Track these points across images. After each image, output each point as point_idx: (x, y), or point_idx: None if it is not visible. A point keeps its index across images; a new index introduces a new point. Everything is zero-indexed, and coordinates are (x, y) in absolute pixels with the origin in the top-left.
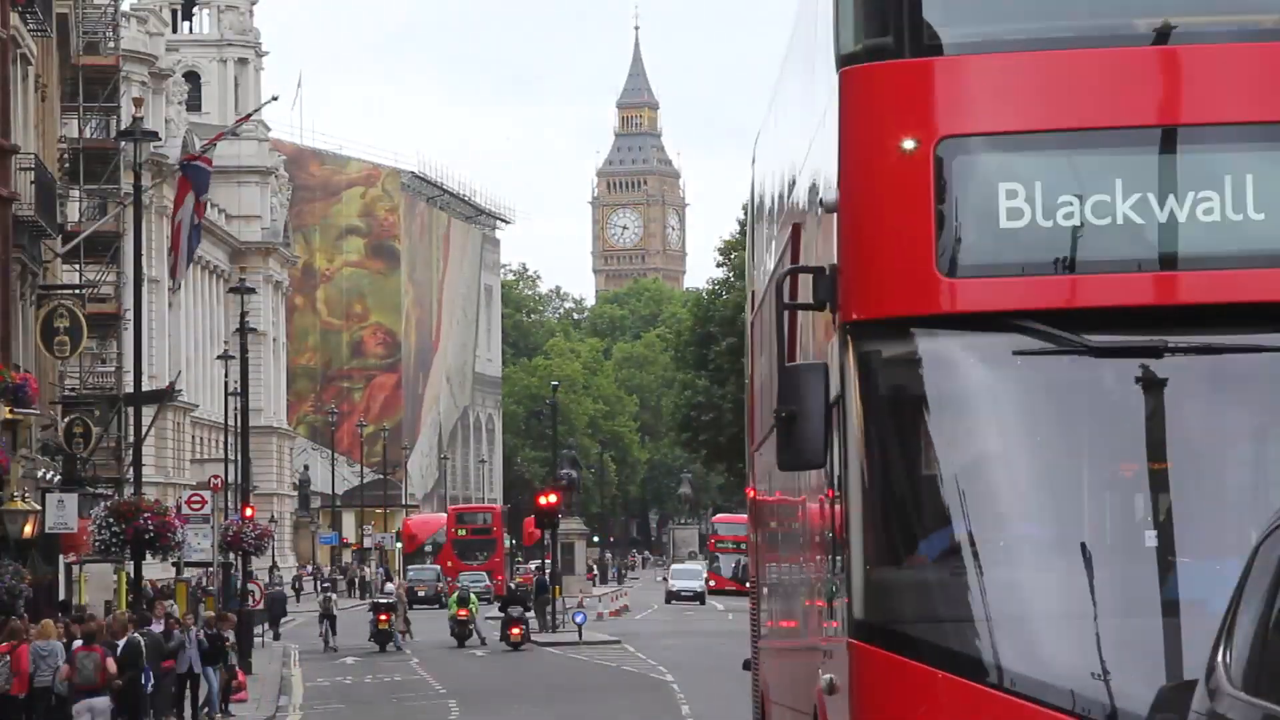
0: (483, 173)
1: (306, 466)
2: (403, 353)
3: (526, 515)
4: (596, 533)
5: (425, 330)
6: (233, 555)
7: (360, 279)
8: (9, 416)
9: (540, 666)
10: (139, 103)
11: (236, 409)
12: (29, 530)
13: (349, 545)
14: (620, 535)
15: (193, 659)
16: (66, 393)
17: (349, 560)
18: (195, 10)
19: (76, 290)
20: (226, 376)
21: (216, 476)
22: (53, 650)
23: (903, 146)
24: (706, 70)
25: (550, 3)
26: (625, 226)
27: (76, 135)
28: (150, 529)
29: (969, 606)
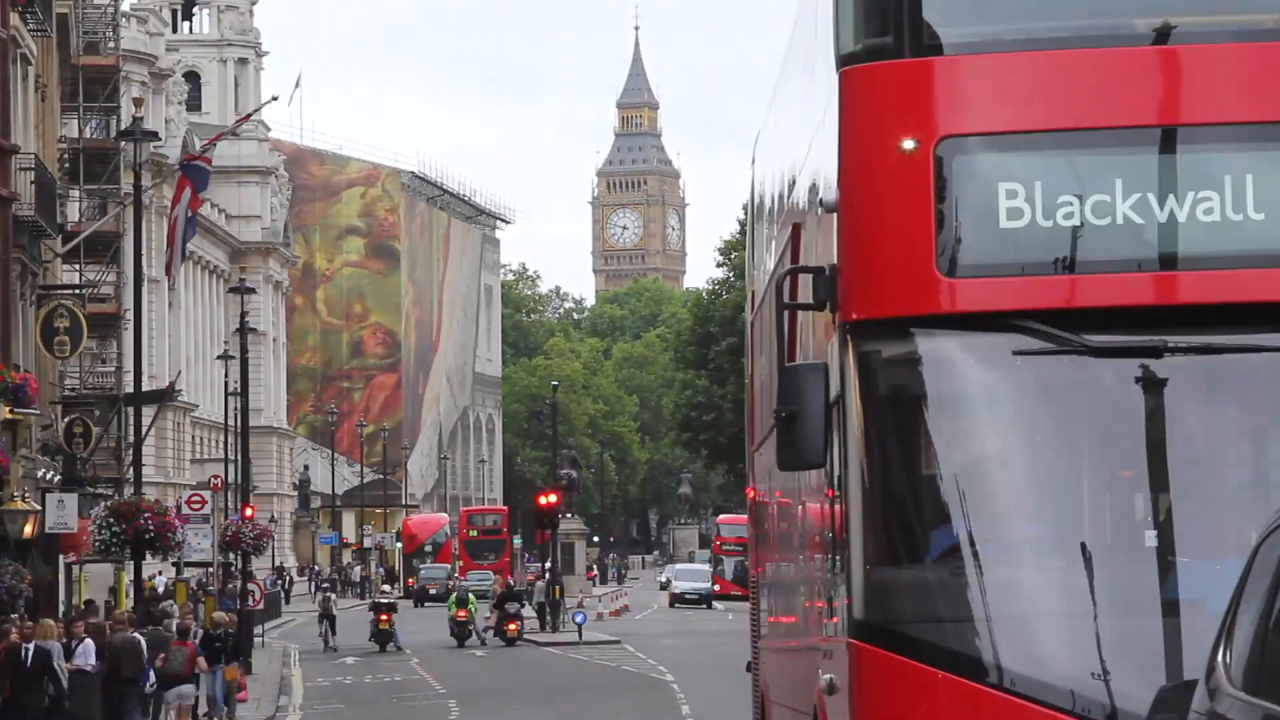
0: (483, 173)
1: (306, 466)
2: (403, 353)
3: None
4: (596, 533)
5: (425, 330)
6: (233, 555)
7: (360, 279)
8: (9, 416)
9: (540, 666)
10: (139, 103)
11: (236, 409)
12: (29, 530)
13: (349, 545)
14: (620, 535)
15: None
16: (66, 393)
17: (349, 561)
18: (195, 10)
19: (76, 290)
20: (226, 376)
21: (216, 476)
22: (54, 650)
23: (902, 146)
24: (706, 70)
25: (550, 3)
26: (625, 226)
27: (76, 135)
28: (150, 529)
29: (969, 606)
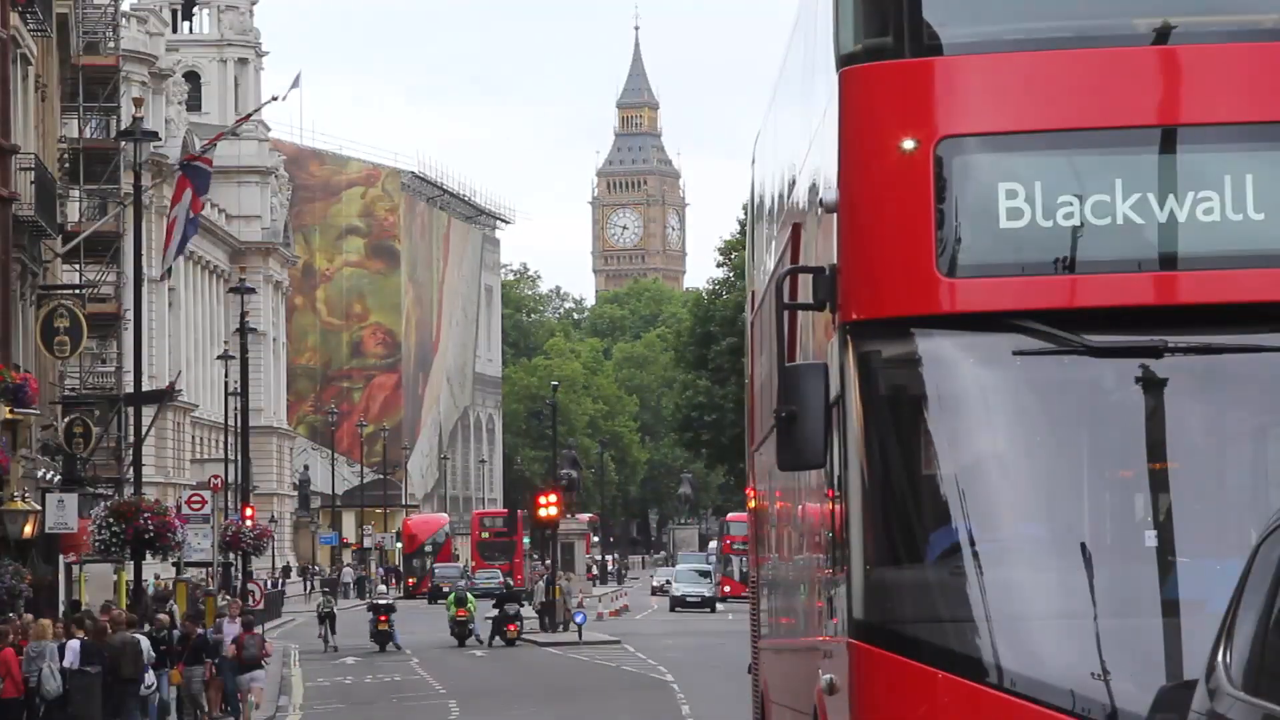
0: (483, 173)
1: (306, 466)
2: (403, 353)
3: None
4: (597, 533)
5: (425, 330)
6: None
7: (360, 279)
8: (9, 416)
9: (540, 666)
10: (139, 103)
11: (236, 409)
12: (29, 530)
13: (349, 545)
14: (620, 535)
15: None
16: (66, 393)
17: (348, 561)
18: (195, 10)
19: (76, 290)
20: (226, 376)
21: (216, 476)
22: (43, 651)
23: (902, 146)
24: (706, 70)
25: (551, 2)
26: (625, 226)
27: (76, 135)
28: (150, 529)
29: (969, 606)
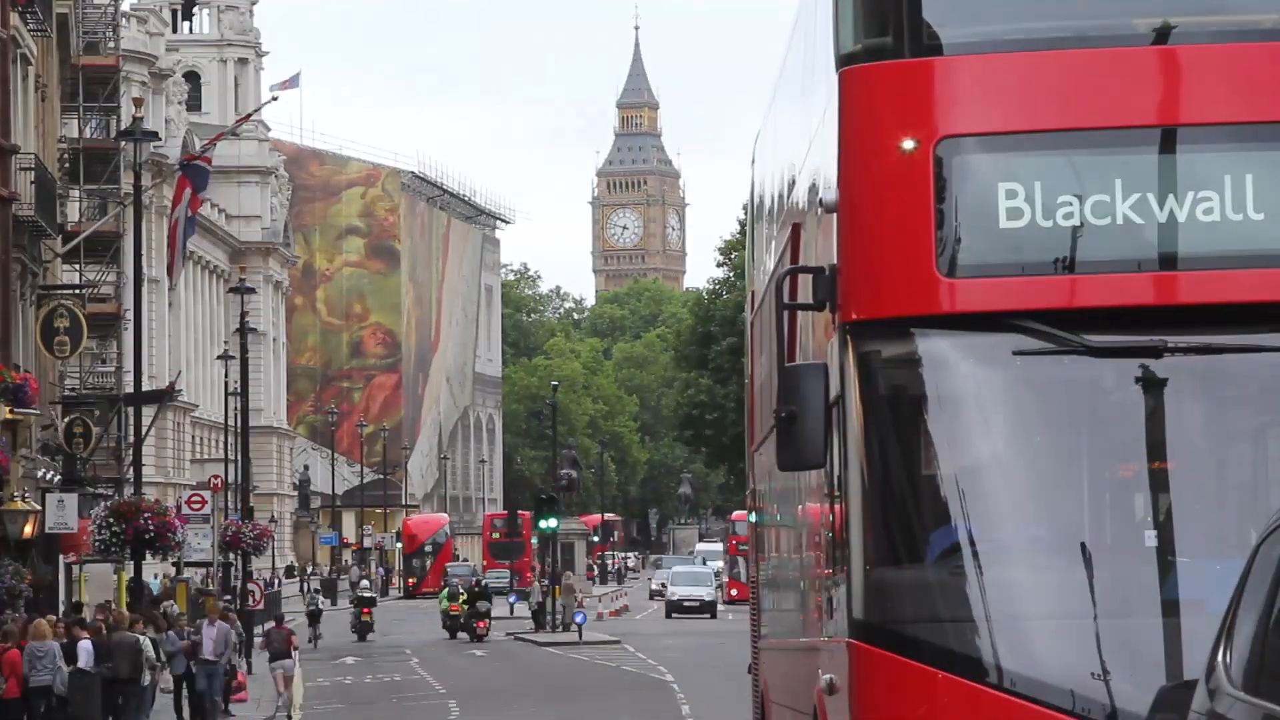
0: (483, 173)
1: (306, 466)
2: (403, 353)
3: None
4: (596, 533)
5: (425, 330)
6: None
7: (360, 279)
8: (9, 416)
9: (540, 666)
10: (139, 103)
11: (236, 409)
12: (29, 530)
13: (349, 545)
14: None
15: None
16: (66, 393)
17: (348, 560)
18: (195, 10)
19: (76, 290)
20: (226, 376)
21: (216, 476)
22: (49, 651)
23: (902, 146)
24: (706, 70)
25: (551, 2)
26: (625, 226)
27: (76, 135)
28: (150, 529)
29: (969, 606)
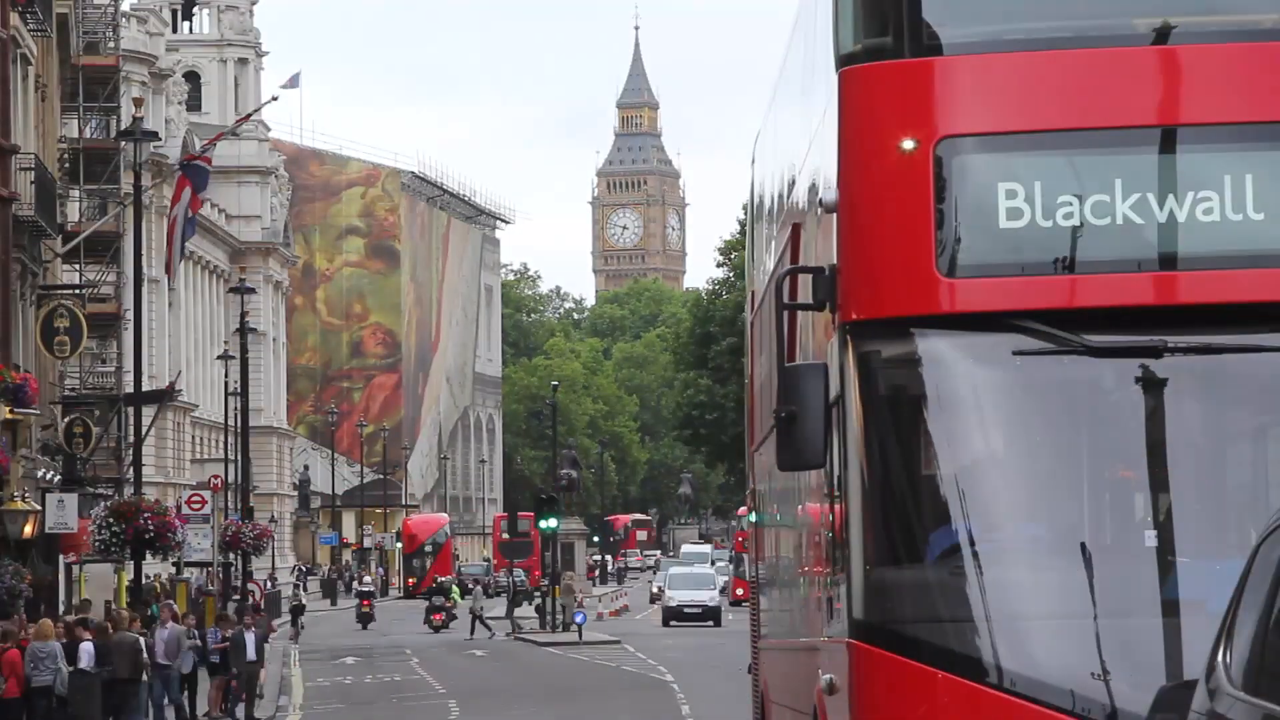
0: (483, 173)
1: (306, 466)
2: (403, 353)
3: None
4: (597, 533)
5: (425, 330)
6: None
7: (360, 279)
8: (9, 416)
9: (540, 666)
10: (139, 103)
11: (236, 409)
12: (29, 530)
13: (349, 545)
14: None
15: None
16: (66, 393)
17: (347, 560)
18: (195, 10)
19: (76, 290)
20: (226, 376)
21: (216, 476)
22: (51, 651)
23: (902, 146)
24: (706, 70)
25: (551, 3)
26: (625, 226)
27: (76, 135)
28: (150, 529)
29: (969, 606)
